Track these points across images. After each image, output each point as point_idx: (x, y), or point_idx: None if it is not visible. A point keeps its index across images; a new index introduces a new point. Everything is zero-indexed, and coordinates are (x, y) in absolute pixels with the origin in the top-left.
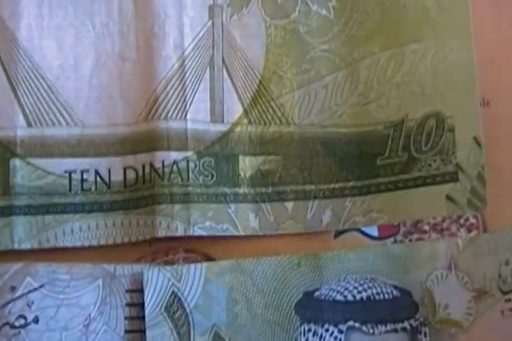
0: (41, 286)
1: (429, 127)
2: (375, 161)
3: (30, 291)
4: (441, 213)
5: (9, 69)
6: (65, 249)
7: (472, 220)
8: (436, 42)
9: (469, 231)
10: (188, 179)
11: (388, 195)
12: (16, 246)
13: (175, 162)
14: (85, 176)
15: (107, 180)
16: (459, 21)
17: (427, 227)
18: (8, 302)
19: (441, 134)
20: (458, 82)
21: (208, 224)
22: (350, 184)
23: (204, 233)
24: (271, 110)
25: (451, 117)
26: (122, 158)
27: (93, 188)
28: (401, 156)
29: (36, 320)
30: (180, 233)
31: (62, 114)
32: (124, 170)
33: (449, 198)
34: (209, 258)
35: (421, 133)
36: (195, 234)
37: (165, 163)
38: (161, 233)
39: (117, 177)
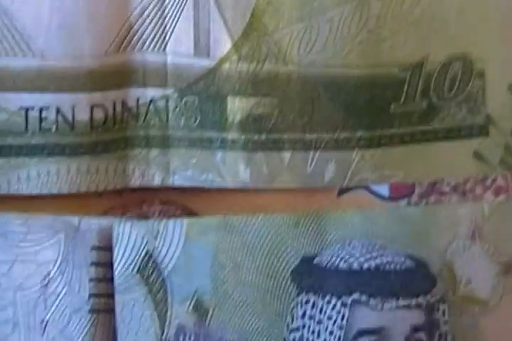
0: None
1: (454, 71)
2: (388, 108)
3: None
4: (467, 172)
5: None
6: (19, 198)
7: (501, 182)
8: None
9: (497, 195)
10: (168, 120)
11: (403, 149)
12: None
13: (152, 100)
14: (45, 114)
15: (70, 120)
16: None
17: (446, 188)
18: None
19: (468, 80)
20: (490, 18)
21: (190, 172)
22: (358, 134)
23: (185, 183)
24: (265, 46)
25: (481, 60)
26: (89, 94)
27: (54, 128)
28: (419, 104)
29: None
30: (157, 183)
31: (18, 43)
32: (91, 108)
33: (477, 155)
34: (190, 213)
35: (444, 78)
36: (175, 184)
37: (140, 102)
38: (135, 182)
39: (82, 116)
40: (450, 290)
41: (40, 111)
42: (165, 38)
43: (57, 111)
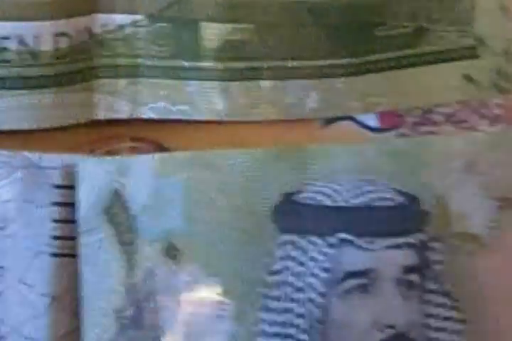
0: None
1: None
2: (373, 33)
3: None
4: (457, 96)
5: None
6: None
7: (496, 110)
8: None
9: (493, 124)
10: (137, 48)
11: (390, 75)
12: None
13: (120, 27)
14: (6, 44)
15: (33, 50)
16: None
17: (439, 118)
18: None
19: None
20: None
21: (161, 104)
22: (343, 61)
23: (156, 116)
24: None
25: None
26: (53, 22)
27: (16, 59)
28: (406, 26)
29: None
30: (125, 115)
31: None
32: (55, 37)
33: (467, 78)
34: (162, 149)
35: None
36: (145, 116)
37: (107, 29)
38: (101, 114)
39: (46, 46)
40: (444, 228)
41: (1, 41)
42: None
43: (20, 40)
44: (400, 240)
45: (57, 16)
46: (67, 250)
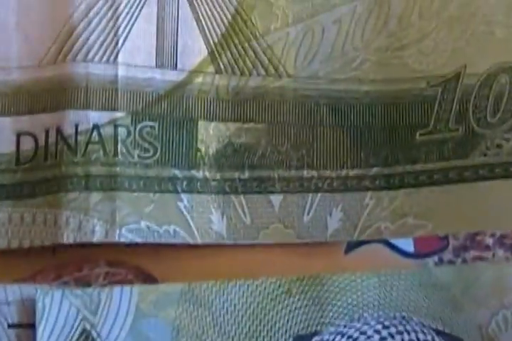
0: None
1: (500, 87)
2: (412, 137)
3: None
4: None
5: None
6: None
7: None
8: None
9: None
10: (116, 154)
11: (433, 191)
12: None
13: (96, 127)
14: None
15: None
16: None
17: (489, 241)
18: None
19: None
20: None
21: (144, 224)
22: (373, 171)
23: (137, 239)
24: (252, 54)
25: None
26: (15, 118)
27: None
28: (454, 130)
29: None
30: (98, 238)
31: None
32: (18, 137)
33: None
34: (147, 278)
35: (486, 96)
36: (124, 239)
37: (80, 128)
38: (68, 237)
39: (6, 148)
40: None
41: None
42: (117, 44)
43: None
44: None
45: (21, 111)
46: None
